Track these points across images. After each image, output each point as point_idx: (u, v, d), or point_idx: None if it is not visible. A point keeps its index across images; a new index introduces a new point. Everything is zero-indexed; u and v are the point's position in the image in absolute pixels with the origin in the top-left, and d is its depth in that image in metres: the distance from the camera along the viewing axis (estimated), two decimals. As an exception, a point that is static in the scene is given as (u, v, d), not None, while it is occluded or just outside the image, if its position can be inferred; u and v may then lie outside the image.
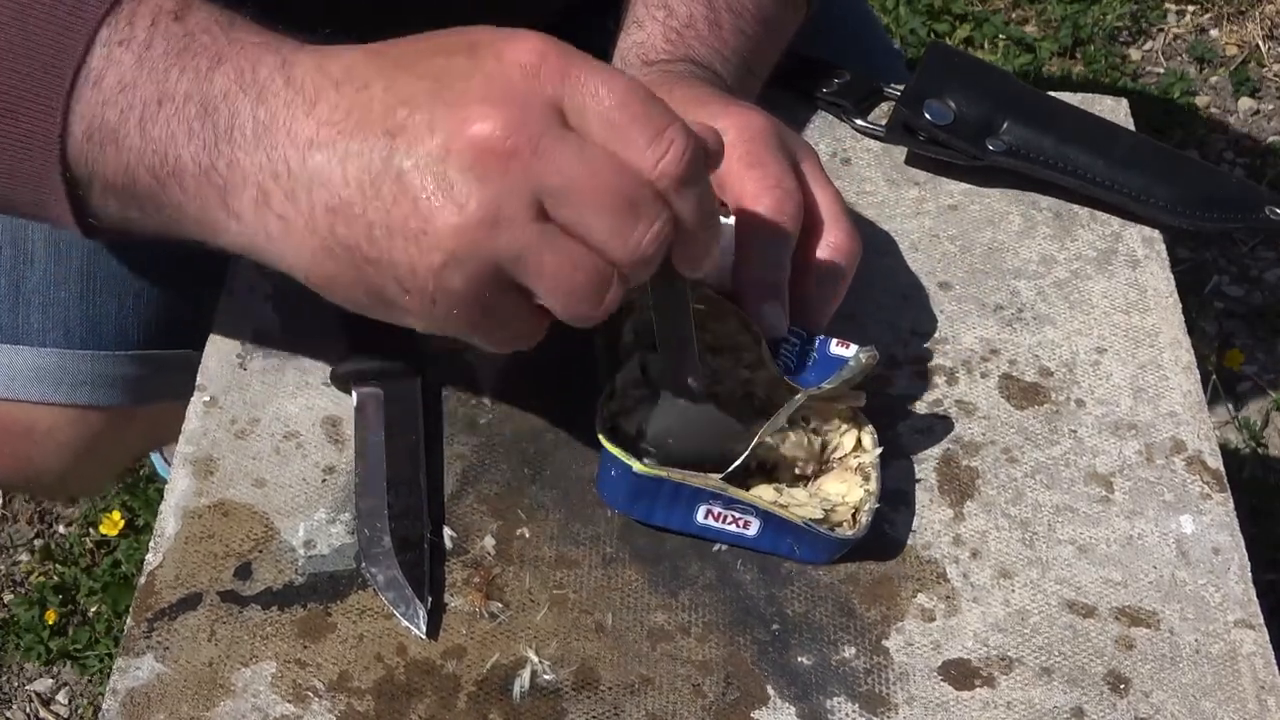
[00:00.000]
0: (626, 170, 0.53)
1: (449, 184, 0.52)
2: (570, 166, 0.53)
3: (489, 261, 0.54)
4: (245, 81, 0.55)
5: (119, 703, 0.63)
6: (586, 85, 0.53)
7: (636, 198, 0.53)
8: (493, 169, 0.52)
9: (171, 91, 0.55)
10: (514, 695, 0.64)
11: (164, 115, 0.56)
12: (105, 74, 0.56)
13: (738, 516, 0.67)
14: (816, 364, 0.69)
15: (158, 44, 0.56)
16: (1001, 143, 0.85)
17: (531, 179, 0.53)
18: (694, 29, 0.80)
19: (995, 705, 0.65)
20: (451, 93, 0.53)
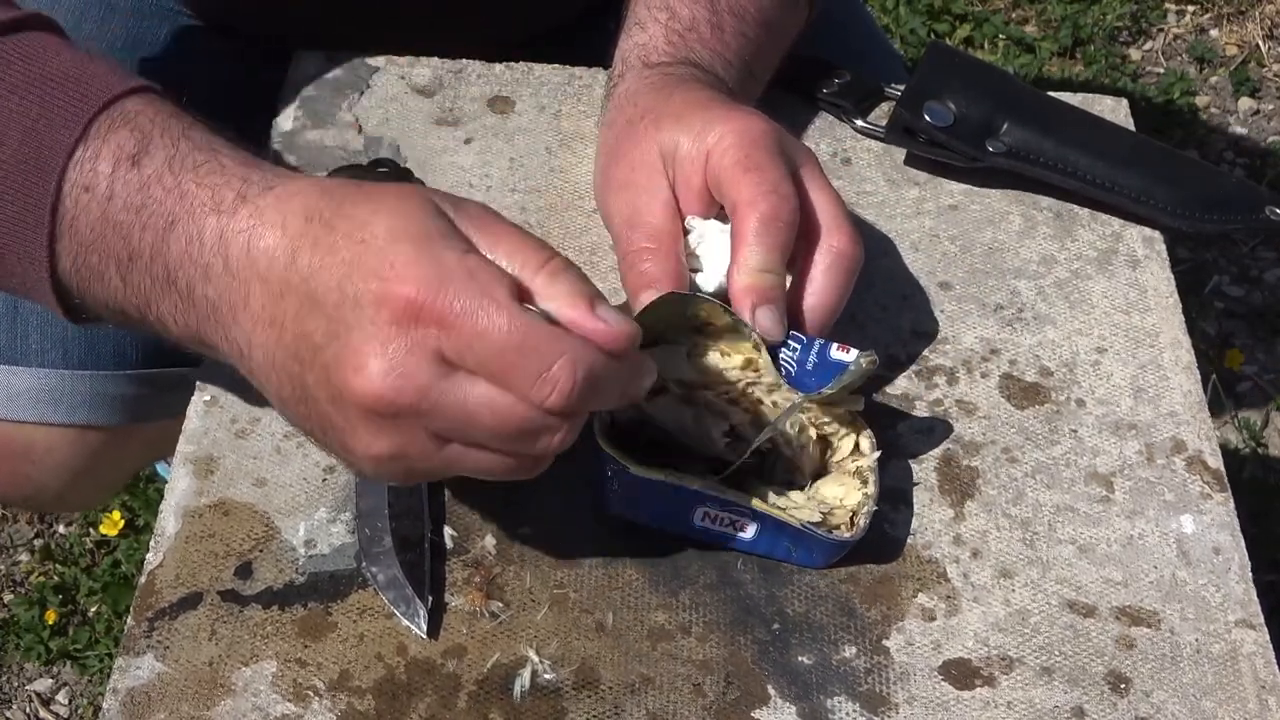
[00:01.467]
0: (515, 408, 0.55)
1: (354, 427, 0.56)
2: (460, 413, 0.55)
3: (407, 474, 0.59)
4: (194, 255, 0.58)
5: (119, 702, 0.63)
6: (464, 333, 0.54)
7: (529, 427, 0.56)
8: (387, 424, 0.56)
9: (138, 249, 0.59)
10: (514, 694, 0.64)
11: (137, 271, 0.59)
12: (78, 220, 0.59)
13: (735, 519, 0.67)
14: (817, 368, 0.69)
15: (119, 193, 0.59)
16: (1001, 144, 0.85)
17: (422, 424, 0.56)
18: (696, 32, 0.80)
19: (996, 705, 0.65)
20: (341, 344, 0.55)
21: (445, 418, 0.55)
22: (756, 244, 0.68)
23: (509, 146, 0.87)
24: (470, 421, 0.56)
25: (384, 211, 0.56)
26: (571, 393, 0.55)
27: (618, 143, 0.75)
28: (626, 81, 0.78)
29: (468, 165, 0.85)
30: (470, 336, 0.54)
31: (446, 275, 0.54)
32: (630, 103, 0.76)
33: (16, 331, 0.91)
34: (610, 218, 0.75)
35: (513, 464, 0.58)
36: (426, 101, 0.89)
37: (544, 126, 0.88)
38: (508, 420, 0.56)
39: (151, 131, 0.60)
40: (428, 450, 0.57)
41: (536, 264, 0.57)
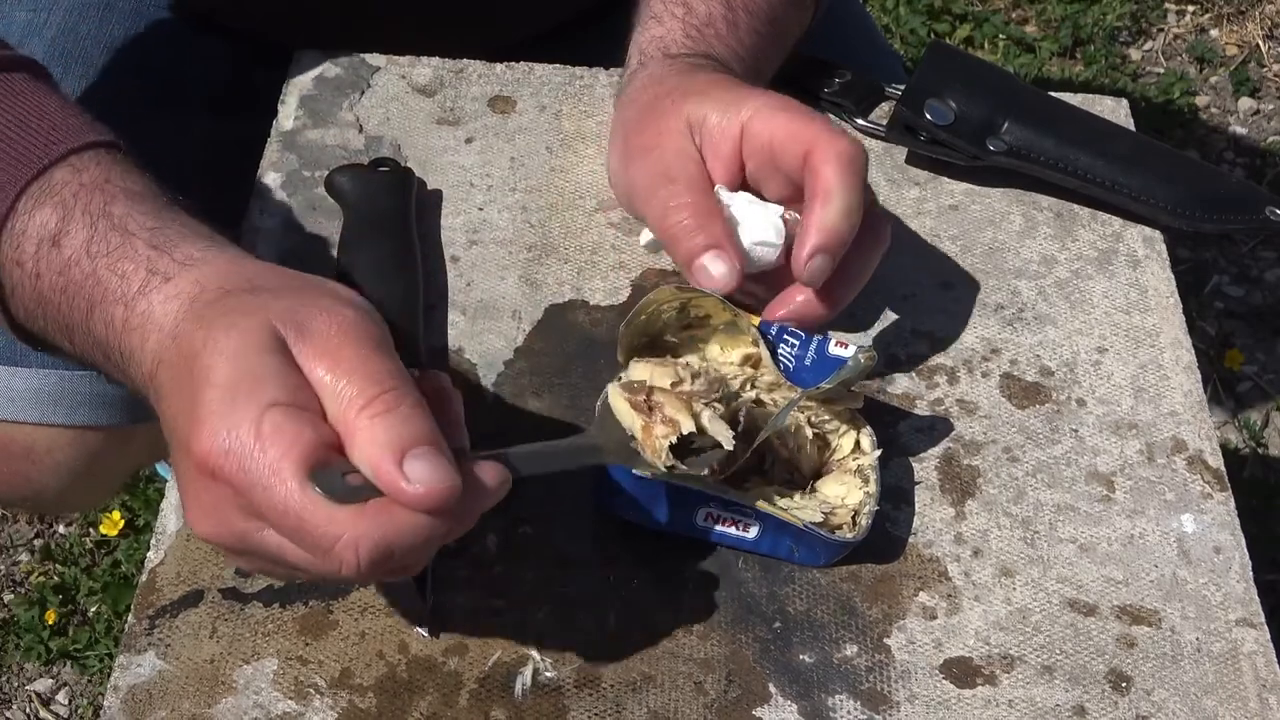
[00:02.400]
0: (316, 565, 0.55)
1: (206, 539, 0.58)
2: (276, 554, 0.55)
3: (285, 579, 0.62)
4: (112, 340, 0.60)
5: (120, 699, 0.63)
6: (253, 501, 0.54)
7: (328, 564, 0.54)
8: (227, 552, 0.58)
9: (73, 324, 0.62)
10: (516, 693, 0.64)
11: (79, 339, 0.62)
12: (18, 292, 0.62)
13: (737, 519, 0.67)
14: (815, 364, 0.70)
15: (45, 276, 0.61)
16: (1002, 142, 0.85)
17: (247, 558, 0.57)
18: (713, 27, 0.80)
19: (997, 703, 0.65)
20: (178, 476, 0.57)
21: (264, 556, 0.56)
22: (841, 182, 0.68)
23: (510, 146, 0.87)
24: (286, 563, 0.56)
25: (210, 344, 0.55)
26: (359, 568, 0.53)
27: (640, 116, 0.75)
28: (648, 69, 0.78)
29: (468, 165, 0.85)
30: (258, 505, 0.54)
31: (235, 440, 0.53)
32: (655, 83, 0.76)
33: None
34: (634, 183, 0.75)
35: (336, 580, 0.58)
36: (427, 101, 0.89)
37: (545, 126, 0.88)
38: (316, 571, 0.55)
39: (73, 208, 0.61)
40: (276, 570, 0.58)
41: (363, 401, 0.54)
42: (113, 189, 0.62)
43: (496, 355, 0.76)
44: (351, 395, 0.54)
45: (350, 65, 0.90)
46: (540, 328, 0.78)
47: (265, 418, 0.53)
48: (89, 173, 0.62)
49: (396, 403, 0.54)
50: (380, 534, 0.53)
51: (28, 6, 0.95)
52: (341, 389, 0.54)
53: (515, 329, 0.78)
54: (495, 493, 0.56)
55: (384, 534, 0.53)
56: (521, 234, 0.82)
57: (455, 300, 0.78)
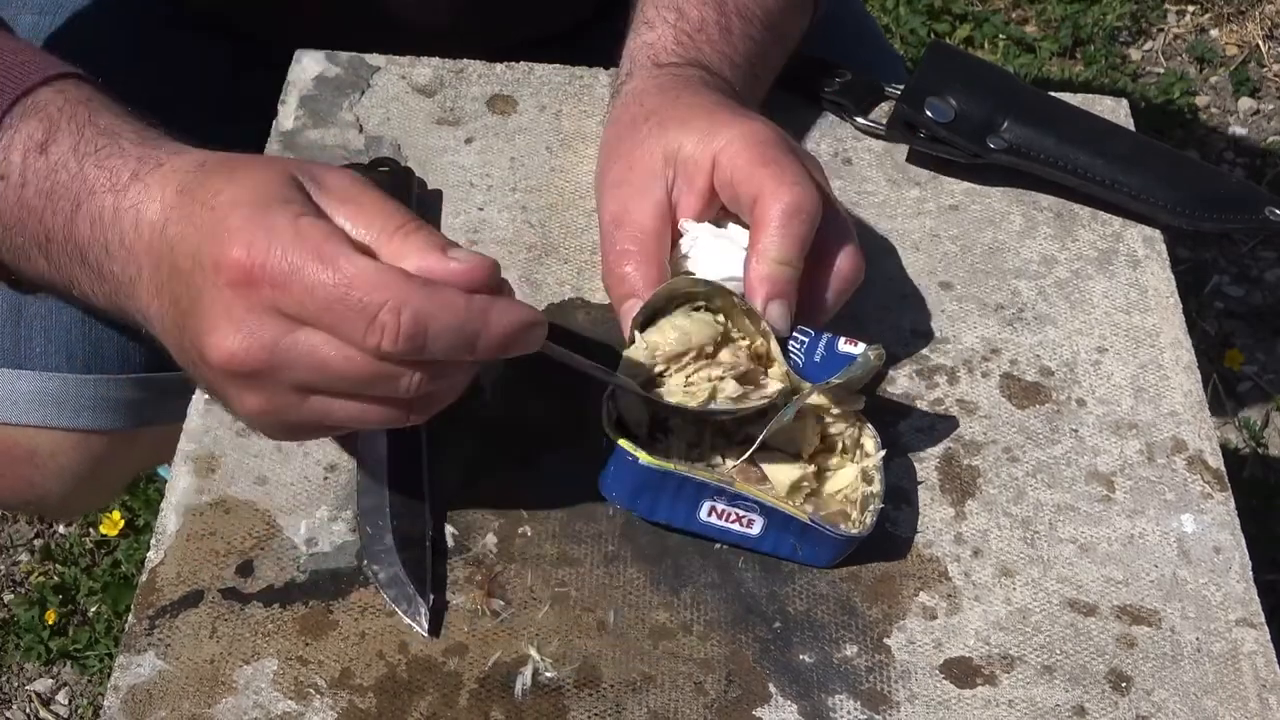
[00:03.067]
0: (354, 358, 0.57)
1: (224, 388, 0.60)
2: (309, 364, 0.57)
3: (288, 428, 0.62)
4: (97, 235, 0.62)
5: (120, 699, 0.63)
6: (295, 290, 0.56)
7: (376, 374, 0.57)
8: (247, 382, 0.58)
9: (52, 231, 0.63)
10: (516, 693, 0.64)
11: (55, 250, 0.64)
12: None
13: (742, 514, 0.67)
14: (825, 360, 0.70)
15: (31, 181, 0.63)
16: (1002, 140, 0.85)
17: (285, 380, 0.58)
18: (705, 33, 0.80)
19: (997, 703, 0.65)
20: (198, 311, 0.58)
21: (297, 370, 0.57)
22: (778, 235, 0.68)
23: (510, 146, 0.87)
24: (322, 371, 0.57)
25: (235, 181, 0.58)
26: (399, 337, 0.55)
27: (619, 141, 0.75)
28: (634, 80, 0.78)
29: (468, 165, 0.85)
30: (301, 293, 0.55)
31: (274, 236, 0.56)
32: (636, 102, 0.76)
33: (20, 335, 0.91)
34: (600, 213, 0.75)
35: (384, 411, 0.59)
36: (427, 101, 0.89)
37: (545, 126, 0.88)
38: (353, 369, 0.56)
39: (59, 120, 0.63)
40: (293, 403, 0.58)
41: (392, 228, 0.58)
42: (96, 104, 0.64)
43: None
44: (381, 225, 0.58)
45: (350, 65, 0.90)
46: (540, 328, 0.78)
47: (300, 220, 0.56)
48: (72, 92, 0.65)
49: (421, 226, 0.58)
50: (422, 304, 0.55)
51: (33, 9, 0.95)
52: (365, 225, 0.58)
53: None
54: (523, 321, 0.59)
55: (426, 305, 0.55)
56: (521, 234, 0.82)
57: (455, 300, 0.78)
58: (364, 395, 0.58)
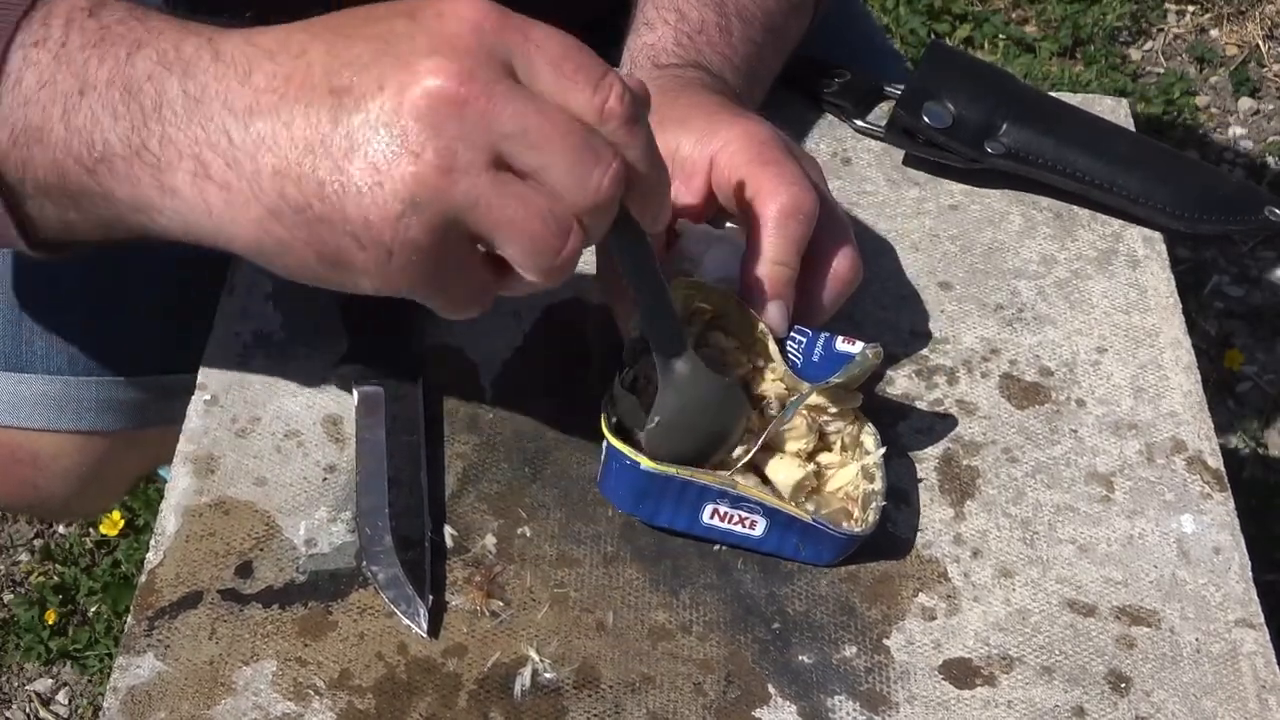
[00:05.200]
0: (576, 117, 0.54)
1: (403, 134, 0.52)
2: (523, 113, 0.53)
3: (448, 209, 0.53)
4: (169, 60, 0.54)
5: (120, 701, 0.63)
6: (530, 40, 0.54)
7: (589, 141, 0.54)
8: (447, 117, 0.52)
9: (93, 80, 0.55)
10: (515, 693, 0.64)
11: (86, 104, 0.55)
12: (24, 76, 0.55)
13: (744, 516, 0.67)
14: (823, 360, 0.70)
15: (74, 39, 0.55)
16: (1000, 145, 0.85)
17: (486, 125, 0.53)
18: (705, 35, 0.79)
19: (996, 704, 0.65)
20: (397, 51, 0.53)
21: (509, 116, 0.53)
22: (775, 235, 0.68)
23: (509, 146, 0.86)
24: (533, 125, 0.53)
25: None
26: (624, 98, 0.55)
27: None
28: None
29: (468, 165, 0.85)
30: (535, 42, 0.54)
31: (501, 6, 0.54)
32: None
33: (22, 338, 0.91)
34: None
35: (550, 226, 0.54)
36: (427, 101, 0.88)
37: (544, 126, 0.88)
38: (570, 126, 0.53)
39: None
40: (479, 165, 0.53)
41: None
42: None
43: (496, 355, 0.76)
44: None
45: (349, 65, 0.90)
46: (540, 328, 0.78)
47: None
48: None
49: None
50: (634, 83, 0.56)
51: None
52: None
53: (515, 329, 0.77)
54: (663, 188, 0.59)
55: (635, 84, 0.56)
56: (521, 234, 0.82)
57: (454, 301, 0.78)
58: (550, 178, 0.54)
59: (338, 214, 0.53)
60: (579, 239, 0.55)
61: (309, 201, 0.53)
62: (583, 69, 0.54)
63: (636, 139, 0.56)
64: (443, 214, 0.53)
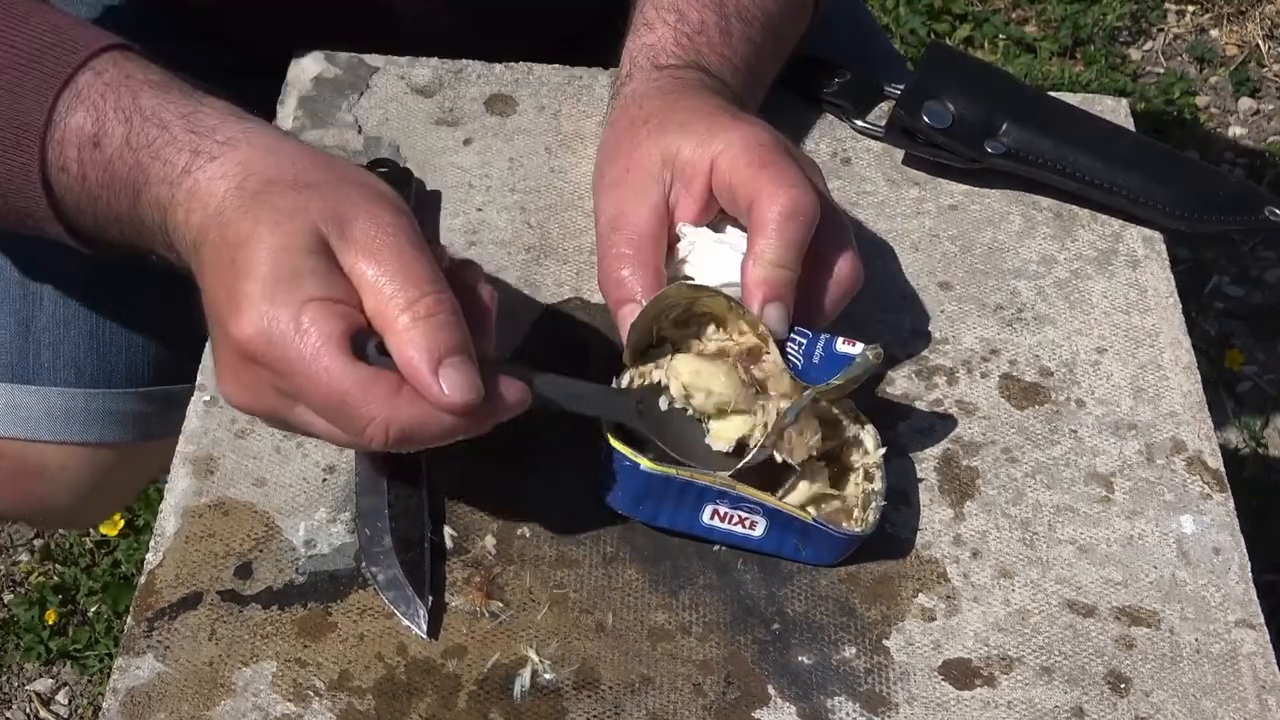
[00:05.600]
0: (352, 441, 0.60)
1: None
2: (306, 430, 0.61)
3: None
4: (160, 221, 0.64)
5: (119, 701, 0.63)
6: (292, 382, 0.59)
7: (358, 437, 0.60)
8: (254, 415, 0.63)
9: (122, 214, 0.66)
10: (514, 694, 0.64)
11: (129, 228, 0.66)
12: (66, 196, 0.66)
13: (744, 516, 0.67)
14: (824, 361, 0.69)
15: (90, 175, 0.65)
16: (1000, 145, 0.85)
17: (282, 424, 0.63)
18: (705, 35, 0.79)
19: (996, 705, 0.65)
20: (216, 346, 0.62)
21: (295, 428, 0.62)
22: (776, 238, 0.68)
23: (509, 146, 0.87)
24: (315, 433, 0.61)
25: (254, 238, 0.59)
26: (386, 444, 0.59)
27: (617, 143, 0.75)
28: (634, 82, 0.77)
29: (467, 165, 0.85)
30: (296, 386, 0.59)
31: (275, 327, 0.58)
32: (636, 104, 0.75)
33: (29, 350, 0.91)
34: (597, 215, 0.75)
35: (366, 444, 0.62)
36: (426, 101, 0.89)
37: (544, 126, 0.88)
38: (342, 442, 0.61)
39: (105, 109, 0.65)
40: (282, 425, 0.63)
41: (405, 302, 0.59)
42: (136, 83, 0.65)
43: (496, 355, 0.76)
44: (392, 293, 0.59)
45: (349, 66, 0.90)
46: (539, 328, 0.78)
47: (305, 310, 0.58)
48: (110, 73, 0.66)
49: (436, 308, 0.59)
50: (409, 420, 0.59)
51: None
52: (383, 286, 0.59)
53: (514, 330, 0.77)
54: (513, 408, 0.62)
55: (412, 421, 0.59)
56: (520, 235, 0.82)
57: (454, 301, 0.78)
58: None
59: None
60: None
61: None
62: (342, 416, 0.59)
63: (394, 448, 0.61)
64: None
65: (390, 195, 0.63)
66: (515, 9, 0.98)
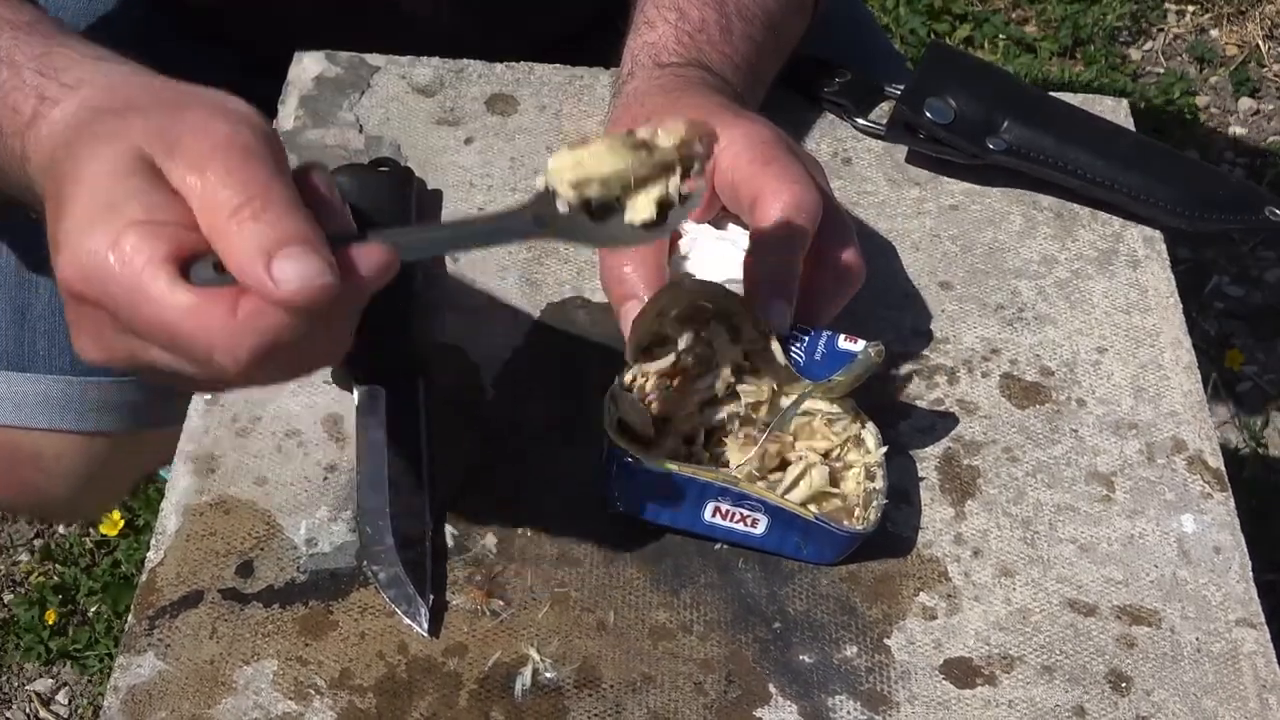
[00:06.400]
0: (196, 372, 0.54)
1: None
2: (149, 366, 0.55)
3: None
4: (17, 169, 0.60)
5: (120, 700, 0.63)
6: (122, 317, 0.53)
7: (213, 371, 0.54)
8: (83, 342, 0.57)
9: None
10: (516, 693, 0.64)
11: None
12: None
13: (746, 514, 0.67)
14: (826, 359, 0.69)
15: None
16: (1002, 141, 0.85)
17: (150, 371, 0.55)
18: (706, 33, 0.79)
19: (997, 704, 0.65)
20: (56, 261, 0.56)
21: (161, 371, 0.55)
22: (779, 234, 0.68)
23: (509, 146, 0.87)
24: (182, 376, 0.55)
25: (73, 171, 0.55)
26: (244, 372, 0.53)
27: None
28: (636, 80, 0.78)
29: (468, 165, 0.85)
30: (128, 320, 0.53)
31: (92, 262, 0.53)
32: (637, 103, 0.76)
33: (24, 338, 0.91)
34: None
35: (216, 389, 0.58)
36: (427, 101, 0.89)
37: (545, 126, 0.88)
38: (195, 376, 0.55)
39: None
40: (151, 373, 0.57)
41: (231, 207, 0.53)
42: (0, 22, 0.62)
43: (497, 355, 0.76)
44: (220, 201, 0.53)
45: (350, 65, 0.90)
46: (540, 328, 0.78)
47: (123, 237, 0.52)
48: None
49: (264, 207, 0.53)
50: (256, 337, 0.52)
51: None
52: (210, 196, 0.53)
53: (515, 329, 0.77)
54: (377, 276, 0.54)
55: (260, 337, 0.52)
56: (521, 234, 0.82)
57: (456, 300, 0.78)
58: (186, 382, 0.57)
59: None
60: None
61: None
62: (183, 351, 0.53)
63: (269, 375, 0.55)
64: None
65: (237, 110, 0.57)
66: (516, 9, 0.98)
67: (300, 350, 0.54)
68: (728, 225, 0.73)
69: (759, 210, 0.68)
